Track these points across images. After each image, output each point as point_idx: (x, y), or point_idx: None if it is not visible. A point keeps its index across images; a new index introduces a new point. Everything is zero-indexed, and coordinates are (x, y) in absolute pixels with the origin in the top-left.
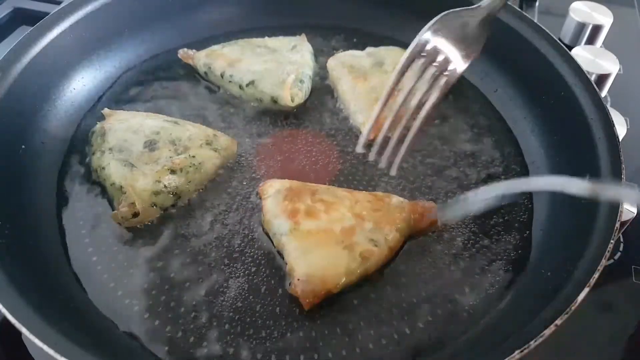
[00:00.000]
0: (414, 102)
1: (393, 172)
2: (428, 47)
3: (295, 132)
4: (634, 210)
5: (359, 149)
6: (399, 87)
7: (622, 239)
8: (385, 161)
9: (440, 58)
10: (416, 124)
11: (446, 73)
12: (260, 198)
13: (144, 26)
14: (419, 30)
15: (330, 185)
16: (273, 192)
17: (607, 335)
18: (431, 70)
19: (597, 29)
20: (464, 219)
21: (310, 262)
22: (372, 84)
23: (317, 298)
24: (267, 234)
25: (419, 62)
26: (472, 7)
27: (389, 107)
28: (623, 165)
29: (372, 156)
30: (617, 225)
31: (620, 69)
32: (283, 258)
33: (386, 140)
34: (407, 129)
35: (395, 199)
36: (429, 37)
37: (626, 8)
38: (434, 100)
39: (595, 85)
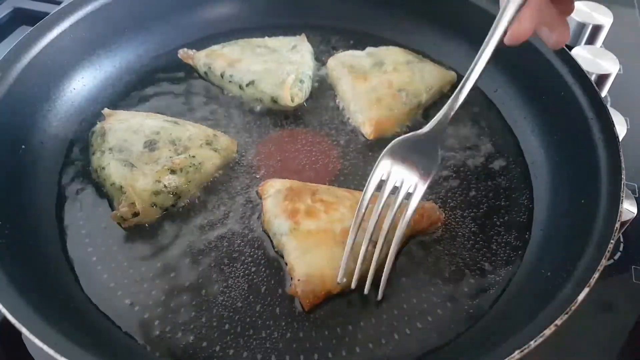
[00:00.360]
0: (385, 227)
1: (380, 296)
2: (388, 175)
3: (295, 132)
4: (634, 210)
5: (340, 279)
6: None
7: (622, 239)
8: (368, 287)
9: (400, 183)
10: (393, 249)
11: (410, 194)
12: (260, 198)
13: (144, 26)
14: (419, 30)
15: (330, 185)
16: (273, 191)
17: (607, 335)
18: (396, 197)
19: (597, 29)
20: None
21: (310, 262)
22: (372, 84)
23: (317, 298)
24: (267, 234)
25: (384, 191)
26: (420, 131)
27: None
28: (623, 165)
29: (366, 290)
30: (617, 225)
31: (620, 69)
32: (283, 258)
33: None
34: (385, 253)
35: None
36: (388, 165)
37: (626, 8)
38: (405, 222)
39: (595, 85)
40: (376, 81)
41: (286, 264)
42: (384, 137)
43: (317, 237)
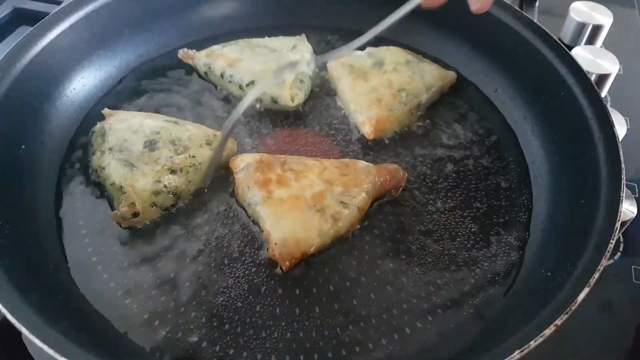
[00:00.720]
0: None
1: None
2: None
3: (295, 132)
4: (634, 210)
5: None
6: None
7: (622, 239)
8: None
9: None
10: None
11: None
12: (232, 174)
13: (144, 26)
14: (419, 30)
15: None
16: (244, 165)
17: (607, 335)
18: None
19: (597, 29)
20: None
21: (284, 227)
22: (372, 84)
23: (294, 260)
24: (241, 206)
25: None
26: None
27: None
28: (623, 165)
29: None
30: (617, 225)
31: (620, 69)
32: (258, 226)
33: None
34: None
35: (361, 163)
36: None
37: (626, 8)
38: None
39: (595, 85)
40: (376, 81)
41: (262, 231)
42: (384, 137)
43: (290, 203)
